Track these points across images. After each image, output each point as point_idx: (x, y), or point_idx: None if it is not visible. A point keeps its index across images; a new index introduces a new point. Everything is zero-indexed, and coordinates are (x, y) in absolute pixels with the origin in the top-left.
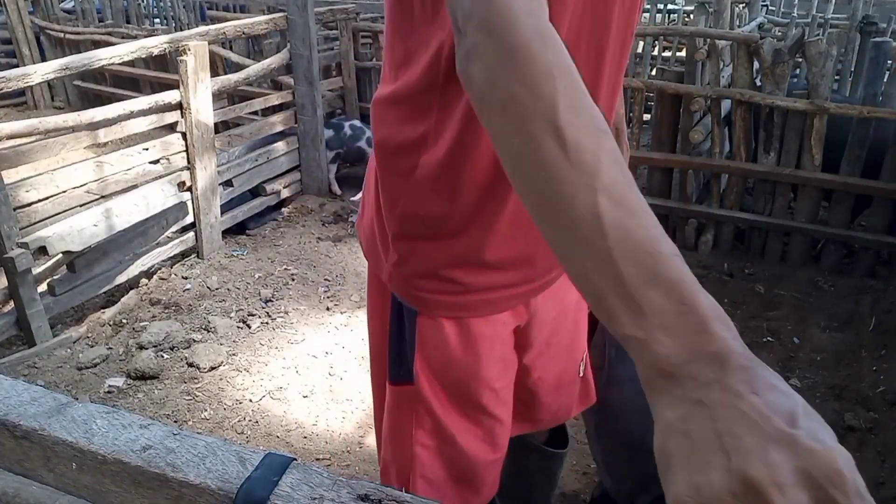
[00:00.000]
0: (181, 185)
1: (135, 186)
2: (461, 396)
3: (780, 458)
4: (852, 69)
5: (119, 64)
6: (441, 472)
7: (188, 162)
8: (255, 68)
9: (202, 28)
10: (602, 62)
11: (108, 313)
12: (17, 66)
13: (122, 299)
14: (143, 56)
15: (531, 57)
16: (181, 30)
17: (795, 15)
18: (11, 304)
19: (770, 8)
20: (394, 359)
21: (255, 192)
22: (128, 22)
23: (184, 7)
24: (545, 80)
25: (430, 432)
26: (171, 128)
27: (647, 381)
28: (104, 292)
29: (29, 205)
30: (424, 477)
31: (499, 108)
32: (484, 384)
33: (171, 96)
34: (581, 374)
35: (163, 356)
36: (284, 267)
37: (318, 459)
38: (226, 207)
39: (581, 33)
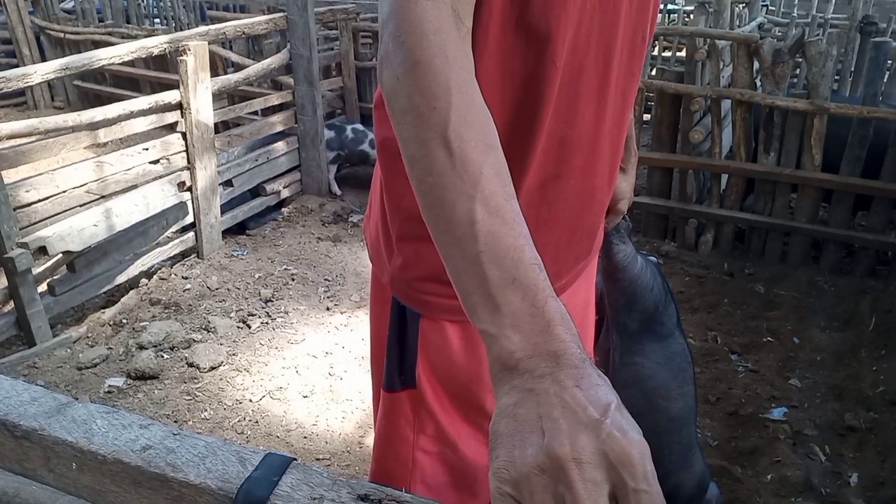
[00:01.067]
0: (181, 185)
1: (135, 186)
2: (464, 401)
3: (585, 440)
4: (852, 69)
5: (119, 64)
6: (441, 478)
7: (188, 162)
8: (255, 68)
9: (202, 28)
10: (610, 66)
11: (108, 313)
12: (17, 66)
13: (122, 299)
14: (143, 56)
15: (432, 72)
16: (181, 30)
17: (795, 15)
18: (11, 304)
19: (770, 8)
20: (394, 363)
21: (255, 192)
22: (128, 22)
23: (184, 7)
24: (442, 95)
25: (432, 437)
26: (171, 128)
27: (493, 372)
28: (104, 292)
29: (29, 205)
30: (424, 482)
31: (401, 114)
32: (487, 388)
33: (171, 96)
34: None
35: (163, 356)
36: (284, 267)
37: (318, 459)
38: (226, 207)
39: (591, 37)
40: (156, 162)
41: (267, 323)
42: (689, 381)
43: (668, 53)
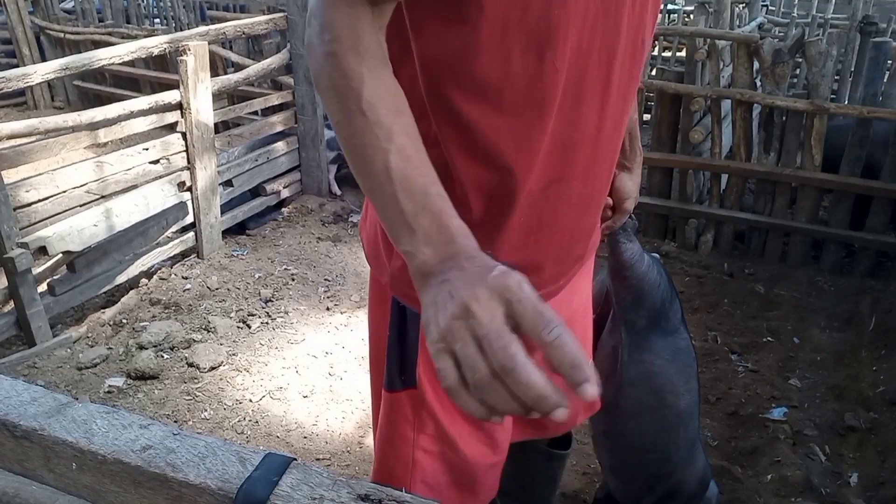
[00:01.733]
0: (181, 185)
1: (135, 186)
2: None
3: (479, 286)
4: (852, 69)
5: (119, 64)
6: (442, 477)
7: (188, 162)
8: (255, 68)
9: (202, 28)
10: (612, 70)
11: (108, 313)
12: (17, 66)
13: (122, 299)
14: (143, 56)
15: (346, 60)
16: (181, 30)
17: (795, 15)
18: (11, 304)
19: (770, 8)
20: (394, 364)
21: (255, 192)
22: (128, 22)
23: (184, 7)
24: (355, 76)
25: (432, 437)
26: (171, 128)
27: (415, 279)
28: (104, 292)
29: (29, 205)
30: (424, 482)
31: (325, 90)
32: None
33: (171, 96)
34: None
35: (163, 356)
36: (284, 267)
37: (318, 459)
38: (226, 207)
39: (594, 40)
40: (156, 162)
41: (267, 323)
42: (694, 376)
43: (668, 53)
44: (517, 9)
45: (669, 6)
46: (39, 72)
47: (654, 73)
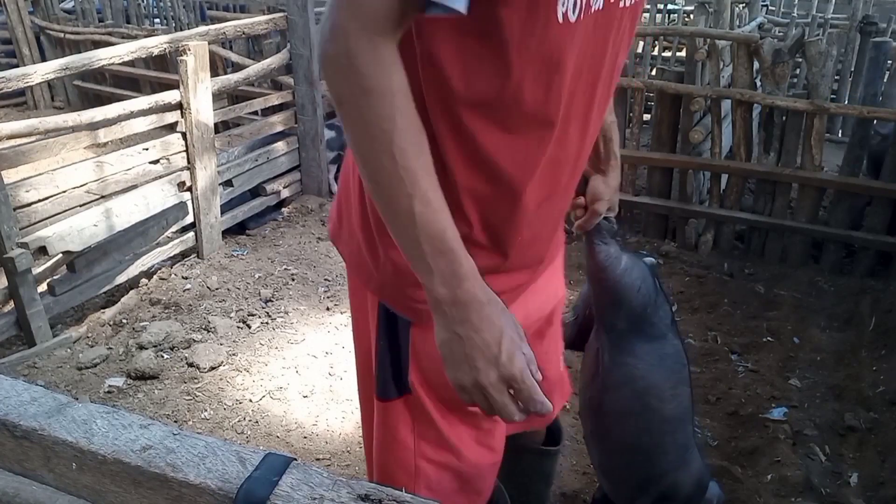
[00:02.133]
0: (181, 185)
1: (135, 186)
2: (459, 403)
3: (491, 372)
4: (852, 69)
5: (119, 64)
6: (447, 484)
7: (188, 162)
8: (255, 68)
9: (202, 28)
10: (595, 90)
11: (108, 313)
12: (17, 66)
13: (122, 299)
14: (143, 56)
15: (383, 100)
16: (181, 30)
17: (795, 15)
18: (11, 304)
19: (770, 8)
20: (387, 372)
21: (255, 192)
22: (128, 22)
23: (184, 7)
24: (388, 119)
25: (433, 445)
26: (171, 128)
27: (432, 307)
28: (104, 292)
29: (29, 205)
30: (430, 489)
31: (354, 125)
32: None
33: (171, 96)
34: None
35: (163, 356)
36: (284, 267)
37: (318, 459)
38: (226, 207)
39: (584, 63)
40: (156, 162)
41: (267, 323)
42: (684, 382)
43: (668, 53)
44: (535, 38)
45: (669, 6)
46: (39, 72)
47: (654, 73)
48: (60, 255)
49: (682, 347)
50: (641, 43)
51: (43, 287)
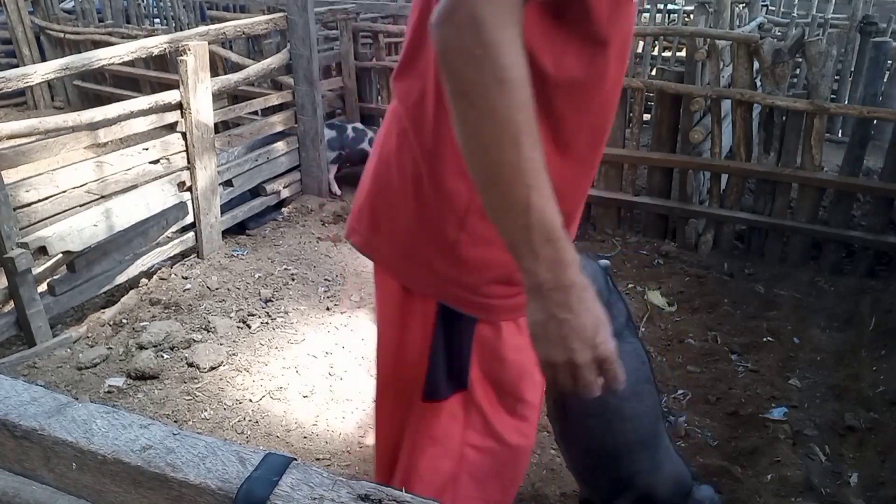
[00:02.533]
0: (181, 185)
1: (135, 186)
2: (508, 394)
3: (587, 353)
4: (852, 69)
5: (119, 64)
6: (488, 469)
7: (188, 162)
8: (255, 68)
9: (202, 28)
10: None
11: (108, 313)
12: (17, 66)
13: (122, 299)
14: (143, 56)
15: (515, 92)
16: (181, 30)
17: (795, 15)
18: (11, 304)
19: (770, 8)
20: (440, 372)
21: (255, 192)
22: (128, 22)
23: (184, 7)
24: (517, 111)
25: (480, 433)
26: (171, 128)
27: (529, 291)
28: (104, 292)
29: (29, 205)
30: (471, 475)
31: (480, 114)
32: (529, 378)
33: (171, 96)
34: None
35: (163, 356)
36: (284, 267)
37: (318, 459)
38: (226, 207)
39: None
40: (156, 162)
41: (267, 323)
42: (644, 380)
43: (668, 53)
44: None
45: (669, 6)
46: (39, 72)
47: (654, 72)
48: (60, 255)
49: (641, 346)
50: (641, 43)
51: (43, 287)
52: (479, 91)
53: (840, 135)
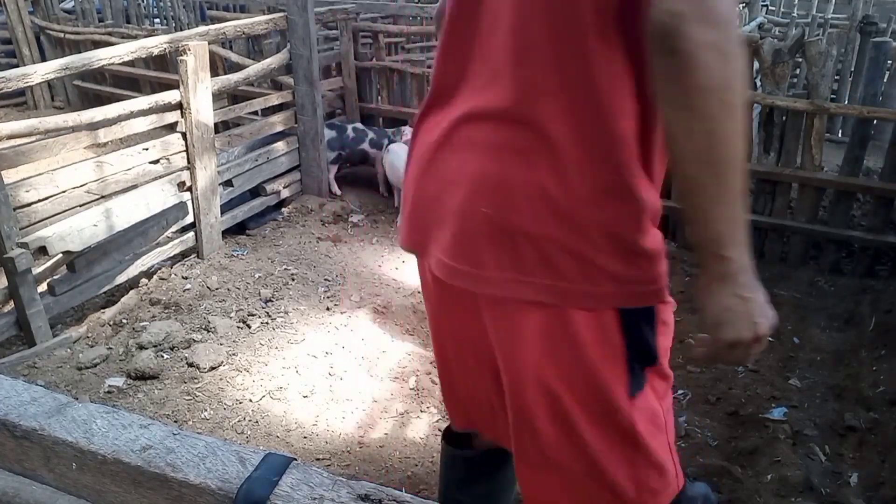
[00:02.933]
0: (181, 185)
1: (135, 186)
2: (665, 354)
3: (766, 326)
4: (852, 69)
5: (119, 64)
6: (672, 426)
7: (188, 162)
8: (255, 68)
9: (202, 28)
10: None
11: (108, 313)
12: (17, 66)
13: (122, 299)
14: (143, 56)
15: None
16: (181, 30)
17: (795, 15)
18: (11, 304)
19: (770, 8)
20: (636, 367)
21: (255, 192)
22: (128, 22)
23: (184, 7)
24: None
25: (664, 397)
26: (171, 128)
27: (716, 282)
28: (104, 292)
29: (29, 205)
30: (672, 440)
31: (732, 132)
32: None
33: (171, 96)
34: None
35: (163, 356)
36: (284, 267)
37: (318, 459)
38: (226, 207)
39: None
40: (156, 162)
41: (267, 323)
42: None
43: None
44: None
45: None
46: (39, 72)
47: None
48: (60, 255)
49: None
50: None
51: (43, 287)
52: (732, 87)
53: (840, 135)
